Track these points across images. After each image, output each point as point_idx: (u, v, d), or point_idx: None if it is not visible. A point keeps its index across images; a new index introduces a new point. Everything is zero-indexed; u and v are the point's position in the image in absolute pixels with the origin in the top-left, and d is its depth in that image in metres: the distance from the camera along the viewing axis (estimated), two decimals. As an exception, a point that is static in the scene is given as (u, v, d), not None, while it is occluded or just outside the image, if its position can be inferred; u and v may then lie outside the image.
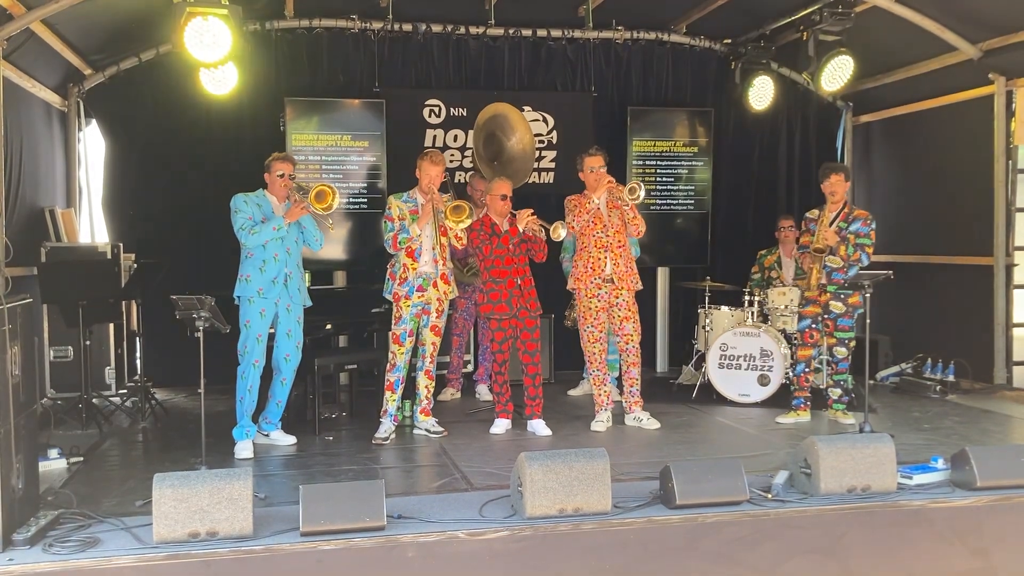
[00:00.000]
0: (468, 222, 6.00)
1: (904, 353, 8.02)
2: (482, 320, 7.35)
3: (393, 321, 6.06)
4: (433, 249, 6.01)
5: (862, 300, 6.06)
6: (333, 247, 8.10)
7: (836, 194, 6.34)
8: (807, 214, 6.58)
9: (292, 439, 5.88)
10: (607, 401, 6.36)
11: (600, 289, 6.19)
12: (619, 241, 6.22)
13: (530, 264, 6.27)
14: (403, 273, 5.99)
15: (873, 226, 6.39)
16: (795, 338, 6.60)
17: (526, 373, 6.18)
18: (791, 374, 6.71)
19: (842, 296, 6.36)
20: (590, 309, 6.25)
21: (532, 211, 6.07)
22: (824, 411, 6.61)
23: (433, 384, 6.21)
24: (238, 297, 5.68)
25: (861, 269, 6.27)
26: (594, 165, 6.22)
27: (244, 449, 5.57)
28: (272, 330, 5.77)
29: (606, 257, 6.18)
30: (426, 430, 6.10)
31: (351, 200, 8.06)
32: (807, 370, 6.56)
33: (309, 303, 5.90)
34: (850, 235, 6.31)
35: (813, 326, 6.47)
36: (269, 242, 5.65)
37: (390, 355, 6.06)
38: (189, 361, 5.26)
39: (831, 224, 6.34)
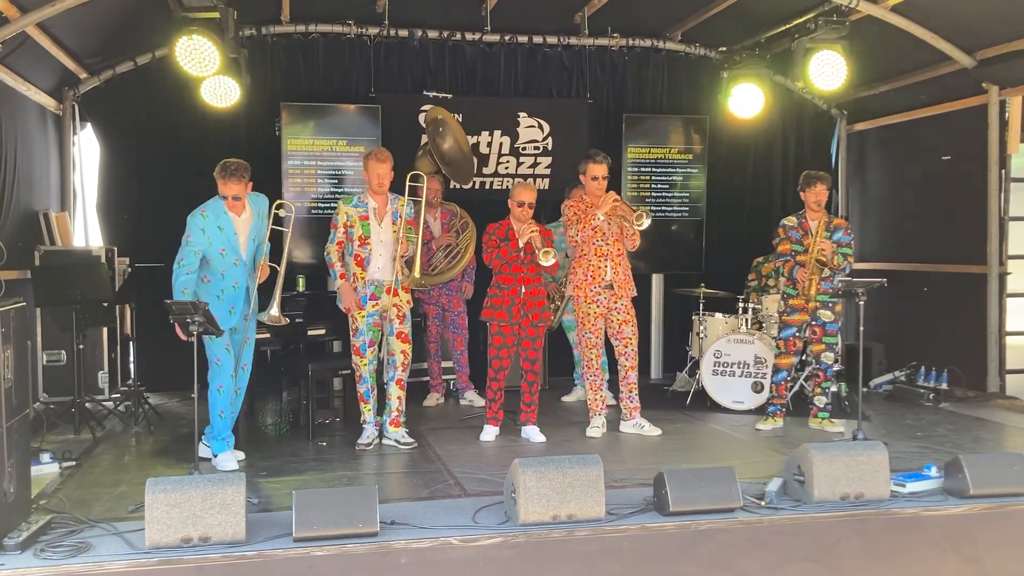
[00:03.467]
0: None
1: (898, 361, 8.04)
2: (451, 327, 7.40)
3: (351, 333, 5.93)
4: (393, 261, 5.85)
5: (860, 307, 6.07)
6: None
7: (822, 203, 6.39)
8: (784, 221, 6.58)
9: (234, 464, 5.42)
10: (602, 406, 6.37)
11: (600, 295, 6.20)
12: (618, 249, 6.24)
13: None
14: (353, 283, 5.84)
15: (852, 235, 6.51)
16: (777, 346, 6.60)
17: (524, 379, 6.18)
18: (771, 381, 6.70)
19: (830, 304, 6.41)
20: (589, 315, 6.24)
21: (536, 228, 6.03)
22: (807, 419, 6.60)
23: (404, 394, 6.04)
24: None
25: (849, 276, 6.31)
26: (597, 173, 6.20)
27: (228, 461, 5.39)
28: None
29: (606, 265, 6.20)
30: (396, 441, 5.94)
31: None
32: (787, 378, 6.59)
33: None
34: (833, 244, 6.35)
35: (797, 334, 6.50)
36: (227, 270, 5.41)
37: (354, 367, 5.95)
38: (182, 366, 5.24)
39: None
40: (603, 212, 6.10)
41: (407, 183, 6.07)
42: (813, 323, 6.44)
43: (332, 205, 8.02)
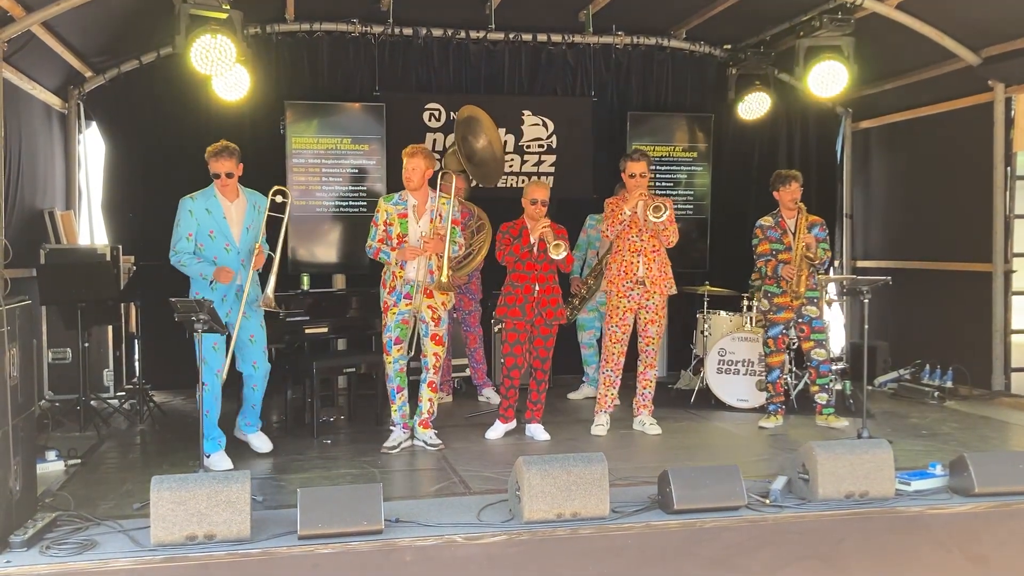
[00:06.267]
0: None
1: (903, 359, 8.02)
2: (463, 325, 7.38)
3: (382, 330, 5.92)
4: (430, 259, 5.77)
5: (865, 305, 6.06)
6: (332, 250, 8.11)
7: (797, 200, 6.47)
8: (761, 222, 6.66)
9: (268, 447, 5.76)
10: (610, 404, 6.36)
11: (632, 291, 6.21)
12: (653, 245, 6.24)
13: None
14: (392, 282, 5.81)
15: (827, 231, 6.62)
16: (767, 344, 6.61)
17: (533, 378, 6.17)
18: (766, 380, 6.70)
19: (815, 300, 6.46)
20: (618, 309, 6.26)
21: (548, 223, 5.99)
22: (813, 417, 6.60)
23: (436, 396, 6.01)
24: None
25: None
26: (635, 171, 6.22)
27: (220, 461, 5.38)
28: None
29: (639, 260, 6.20)
30: (424, 442, 5.92)
31: (351, 203, 8.06)
32: (781, 375, 6.61)
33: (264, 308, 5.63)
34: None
35: (785, 332, 6.55)
36: (219, 256, 5.43)
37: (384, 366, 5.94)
38: (187, 364, 5.26)
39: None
40: (629, 207, 6.13)
41: (439, 180, 6.06)
42: (800, 321, 6.49)
43: (336, 203, 8.05)
